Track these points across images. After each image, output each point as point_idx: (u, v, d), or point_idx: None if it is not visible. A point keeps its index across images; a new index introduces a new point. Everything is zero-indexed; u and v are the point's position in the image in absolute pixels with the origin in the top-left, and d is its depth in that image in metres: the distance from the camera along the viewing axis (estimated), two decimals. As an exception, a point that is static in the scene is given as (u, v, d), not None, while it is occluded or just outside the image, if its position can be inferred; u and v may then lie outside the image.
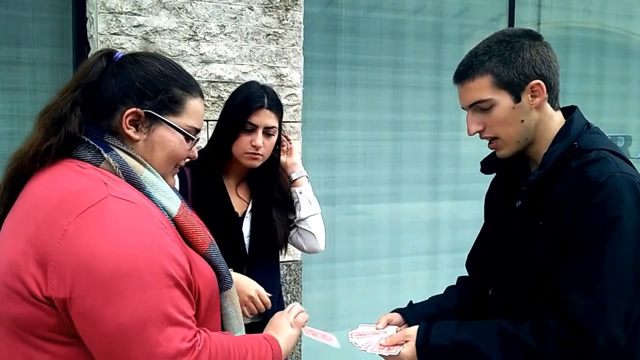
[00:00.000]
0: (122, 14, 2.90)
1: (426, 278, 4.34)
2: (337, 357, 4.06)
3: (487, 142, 1.68)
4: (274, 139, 2.21)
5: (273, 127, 2.17)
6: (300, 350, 3.53)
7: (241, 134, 2.13)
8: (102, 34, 2.87)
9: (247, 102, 2.15)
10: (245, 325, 2.21)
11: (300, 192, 2.36)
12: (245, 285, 2.10)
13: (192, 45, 3.07)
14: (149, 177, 1.34)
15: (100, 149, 1.29)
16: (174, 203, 1.37)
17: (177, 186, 2.16)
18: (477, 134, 1.67)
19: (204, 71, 3.09)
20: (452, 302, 1.95)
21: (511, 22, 4.32)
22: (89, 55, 2.92)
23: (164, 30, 3.00)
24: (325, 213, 3.96)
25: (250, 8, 3.20)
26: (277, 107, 2.20)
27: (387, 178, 4.14)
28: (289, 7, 3.29)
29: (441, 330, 1.63)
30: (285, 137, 2.35)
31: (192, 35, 3.07)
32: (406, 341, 1.66)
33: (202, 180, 2.20)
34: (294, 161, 2.37)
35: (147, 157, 1.36)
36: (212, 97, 3.10)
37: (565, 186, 1.52)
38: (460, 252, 4.31)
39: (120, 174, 1.29)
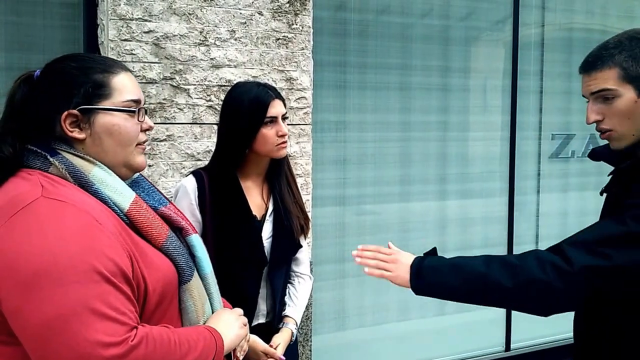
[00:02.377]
0: (132, 20, 2.80)
1: (435, 276, 4.22)
2: (348, 358, 3.99)
3: (600, 133, 1.66)
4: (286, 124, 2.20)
5: (286, 112, 2.17)
6: (310, 351, 3.42)
7: (263, 130, 2.08)
8: (112, 41, 2.77)
9: (260, 100, 2.10)
10: (252, 326, 2.14)
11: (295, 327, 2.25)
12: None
13: (202, 51, 2.96)
14: (98, 175, 1.33)
15: (47, 154, 1.30)
16: (125, 198, 1.35)
17: (195, 191, 2.10)
18: (594, 125, 1.65)
19: (215, 76, 2.99)
20: None
21: (516, 24, 4.22)
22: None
23: (175, 35, 2.90)
24: (336, 213, 3.92)
25: (260, 13, 3.09)
26: (280, 95, 2.19)
27: (396, 178, 4.04)
28: (298, 12, 3.19)
29: (436, 258, 1.73)
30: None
31: (203, 41, 2.96)
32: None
33: (219, 184, 2.12)
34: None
35: (99, 151, 1.36)
36: (222, 100, 3.00)
37: None
38: (468, 250, 4.26)
39: (68, 175, 1.29)
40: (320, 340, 3.70)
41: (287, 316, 2.21)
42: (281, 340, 2.13)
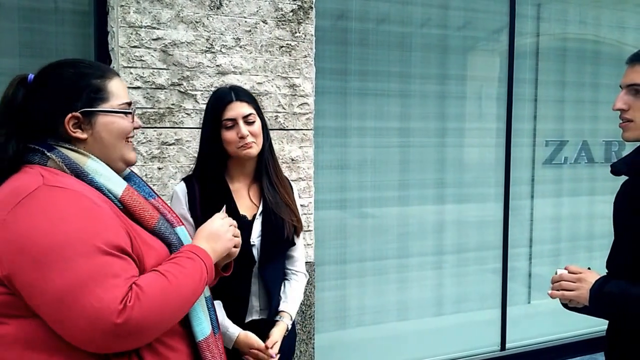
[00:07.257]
0: (141, 27, 2.82)
1: (432, 278, 4.25)
2: (349, 355, 3.99)
3: (620, 121, 1.79)
4: (258, 124, 2.16)
5: (250, 114, 2.13)
6: (313, 348, 3.43)
7: (225, 133, 2.10)
8: (122, 47, 2.79)
9: (217, 102, 2.13)
10: (246, 323, 2.17)
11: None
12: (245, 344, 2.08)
13: (208, 57, 2.98)
14: (92, 166, 1.42)
15: (44, 150, 1.39)
16: (117, 186, 1.45)
17: (185, 196, 2.12)
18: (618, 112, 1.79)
19: (221, 82, 3.01)
20: None
21: (512, 34, 4.25)
22: (111, 66, 2.84)
23: (182, 43, 2.91)
24: (337, 217, 3.94)
25: (264, 22, 3.11)
26: (246, 96, 2.17)
27: (395, 183, 4.05)
28: (301, 21, 3.21)
29: (615, 283, 1.71)
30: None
31: (209, 48, 2.98)
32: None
33: (208, 187, 2.14)
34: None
35: (100, 147, 1.46)
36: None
37: None
38: (464, 252, 4.29)
39: (65, 167, 1.39)
40: (322, 339, 3.72)
41: (282, 311, 2.23)
42: (278, 333, 2.15)
